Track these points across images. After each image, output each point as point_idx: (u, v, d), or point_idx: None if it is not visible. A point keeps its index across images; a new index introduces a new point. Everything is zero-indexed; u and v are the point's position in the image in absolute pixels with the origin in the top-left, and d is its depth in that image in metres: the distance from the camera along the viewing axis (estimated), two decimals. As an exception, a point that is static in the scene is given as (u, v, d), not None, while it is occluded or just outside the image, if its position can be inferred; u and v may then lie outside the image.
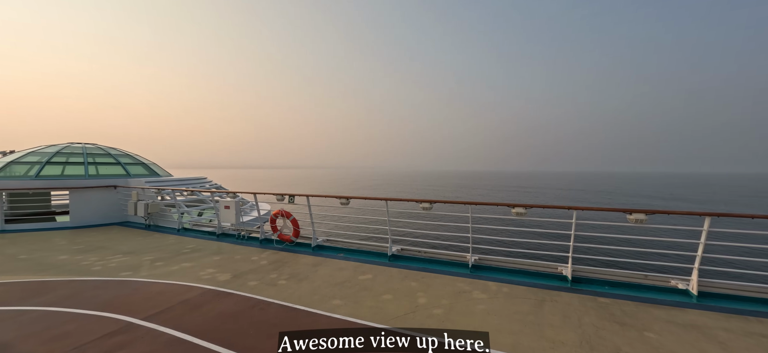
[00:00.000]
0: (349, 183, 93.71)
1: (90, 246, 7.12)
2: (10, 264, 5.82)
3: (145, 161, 12.20)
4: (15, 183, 9.23)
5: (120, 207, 10.29)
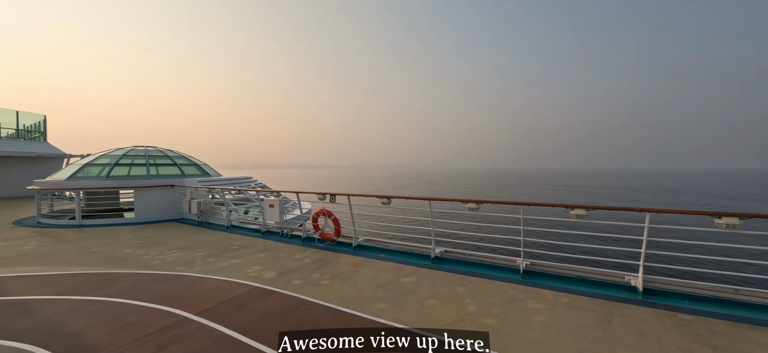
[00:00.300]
0: (385, 182, 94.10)
1: (150, 241, 7.68)
2: (86, 257, 6.42)
3: (197, 162, 13.04)
4: (90, 183, 10.27)
5: (176, 205, 11.06)
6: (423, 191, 64.14)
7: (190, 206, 9.94)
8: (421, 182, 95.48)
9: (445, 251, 6.09)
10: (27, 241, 7.76)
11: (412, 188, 72.58)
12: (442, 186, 77.61)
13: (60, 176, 10.62)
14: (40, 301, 4.22)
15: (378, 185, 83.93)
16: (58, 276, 5.21)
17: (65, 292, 4.53)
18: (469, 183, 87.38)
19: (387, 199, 6.11)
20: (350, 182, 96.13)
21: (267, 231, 8.45)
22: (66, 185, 10.18)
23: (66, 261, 6.07)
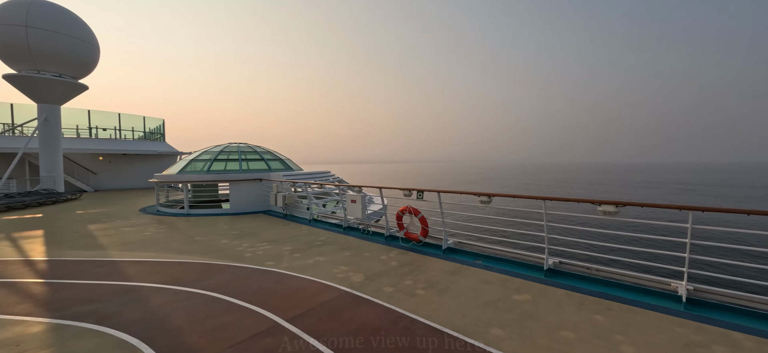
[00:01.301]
0: (459, 177, 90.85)
1: (243, 233, 8.02)
2: (190, 245, 6.87)
3: (281, 157, 13.68)
4: (194, 177, 11.40)
5: (264, 198, 11.66)
6: (500, 186, 59.95)
7: (276, 199, 10.32)
8: (491, 176, 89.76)
9: (561, 263, 4.96)
10: (147, 227, 8.79)
11: (482, 184, 68.56)
12: (535, 182, 71.30)
13: (172, 170, 12.04)
14: (150, 289, 4.41)
15: (437, 179, 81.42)
16: (166, 264, 5.55)
17: (171, 281, 4.71)
18: (569, 179, 77.93)
19: (487, 197, 5.21)
20: (424, 177, 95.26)
21: (348, 227, 8.22)
22: (176, 179, 11.46)
23: (174, 249, 6.55)
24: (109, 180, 21.88)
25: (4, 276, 4.99)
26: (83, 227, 8.80)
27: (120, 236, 7.78)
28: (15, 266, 5.52)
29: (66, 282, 4.72)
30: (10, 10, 14.53)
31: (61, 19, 15.57)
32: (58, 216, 10.72)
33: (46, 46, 14.95)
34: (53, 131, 16.36)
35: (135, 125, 23.38)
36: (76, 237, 7.64)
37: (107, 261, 5.73)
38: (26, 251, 6.51)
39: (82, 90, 17.05)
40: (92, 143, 20.78)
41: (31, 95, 15.79)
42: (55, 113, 16.39)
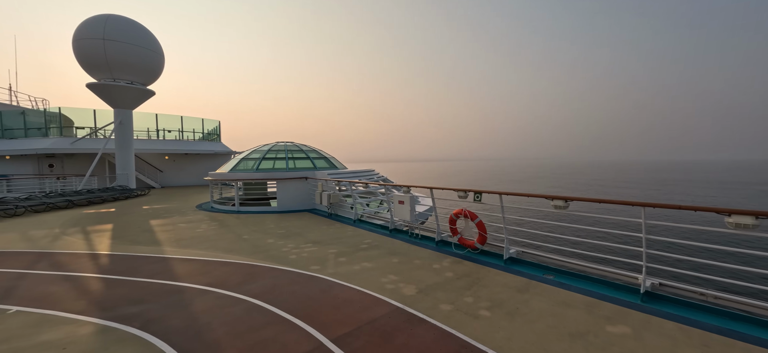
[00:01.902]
0: (510, 176, 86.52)
1: (289, 232, 7.89)
2: (238, 244, 6.84)
3: (326, 155, 13.62)
4: (244, 175, 11.69)
5: (310, 196, 11.62)
6: (572, 188, 55.75)
7: (321, 198, 10.15)
8: (564, 175, 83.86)
9: (662, 285, 3.97)
10: (200, 224, 9.07)
11: (540, 185, 64.28)
12: (622, 182, 65.64)
13: (225, 168, 12.49)
14: (195, 292, 4.27)
15: (485, 179, 77.74)
16: (214, 264, 5.48)
17: (216, 283, 4.55)
18: (668, 179, 68.59)
19: (563, 201, 4.36)
20: (457, 177, 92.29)
21: (394, 229, 7.72)
22: (228, 177, 11.85)
23: (222, 247, 6.54)
24: (174, 177, 23.75)
25: (69, 269, 5.23)
26: (145, 223, 9.33)
27: (175, 232, 8.05)
28: (81, 259, 5.81)
29: (120, 279, 4.78)
30: (90, 26, 16.20)
31: (133, 32, 17.05)
32: (127, 211, 11.61)
33: (120, 56, 16.46)
34: (126, 133, 18.04)
35: (195, 126, 25.14)
36: (137, 232, 8.05)
37: (160, 258, 5.82)
38: (94, 244, 6.92)
39: (150, 95, 18.59)
40: (159, 144, 22.68)
41: (108, 101, 17.52)
42: (128, 116, 18.05)
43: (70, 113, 21.04)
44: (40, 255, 6.07)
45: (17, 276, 4.93)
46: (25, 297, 4.14)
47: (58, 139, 19.53)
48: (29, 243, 7.04)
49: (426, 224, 8.87)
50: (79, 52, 16.24)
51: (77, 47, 16.22)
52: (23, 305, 3.92)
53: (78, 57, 16.32)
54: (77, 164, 20.88)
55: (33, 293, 4.28)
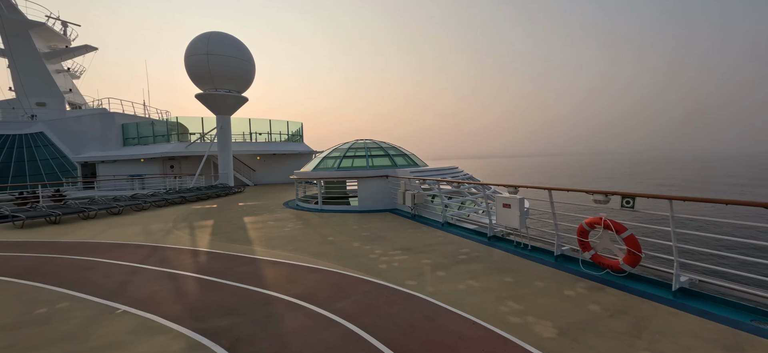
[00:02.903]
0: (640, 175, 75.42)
1: (373, 234, 7.31)
2: (324, 247, 6.48)
3: (406, 152, 12.91)
4: (326, 173, 11.66)
5: (390, 195, 11.04)
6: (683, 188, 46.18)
7: (404, 198, 9.44)
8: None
9: None
10: (287, 223, 9.13)
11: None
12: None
13: (308, 167, 12.71)
14: (284, 305, 3.84)
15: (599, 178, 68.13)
16: (302, 270, 5.10)
17: (305, 295, 4.08)
18: None
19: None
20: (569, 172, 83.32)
21: (494, 237, 6.55)
22: (310, 175, 11.97)
23: (309, 250, 6.23)
24: (264, 176, 25.88)
25: (173, 266, 5.38)
26: (240, 220, 9.80)
27: (265, 230, 8.16)
28: (184, 256, 6.04)
29: (215, 282, 4.67)
30: (197, 44, 18.31)
31: (230, 45, 18.82)
32: (226, 207, 12.59)
33: (220, 68, 18.29)
34: (226, 136, 20.06)
35: (281, 128, 27.06)
36: (233, 229, 8.38)
37: (251, 259, 5.71)
38: (197, 240, 7.30)
39: (244, 101, 20.38)
40: (252, 146, 24.92)
41: (212, 108, 19.67)
42: (227, 122, 20.06)
43: (185, 121, 24.43)
44: (153, 250, 6.53)
45: (132, 271, 5.22)
46: (133, 296, 4.21)
47: (176, 144, 22.78)
48: (147, 237, 7.77)
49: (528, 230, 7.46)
50: (188, 68, 18.52)
51: (187, 64, 18.52)
52: (130, 305, 3.95)
53: (188, 72, 18.63)
54: (190, 164, 24.11)
55: (140, 292, 4.36)
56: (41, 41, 27.98)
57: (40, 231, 8.76)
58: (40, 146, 24.79)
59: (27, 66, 26.75)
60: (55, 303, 4.06)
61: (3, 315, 3.76)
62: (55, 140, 25.09)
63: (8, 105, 26.86)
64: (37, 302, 4.09)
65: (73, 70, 31.77)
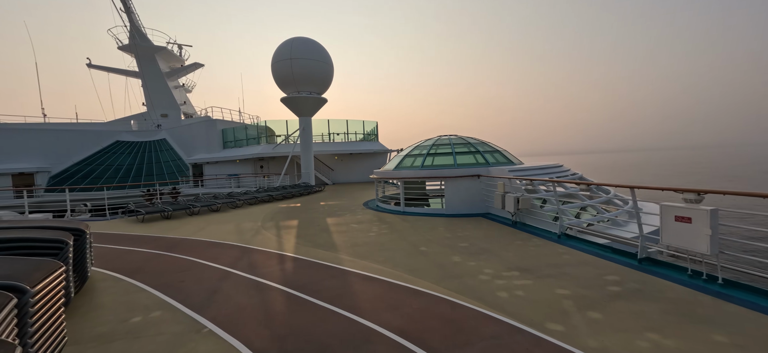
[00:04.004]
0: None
1: (474, 246, 6.12)
2: (418, 259, 5.53)
3: (499, 149, 11.31)
4: (409, 173, 10.78)
5: (482, 197, 9.64)
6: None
7: (504, 202, 7.99)
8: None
9: None
10: (371, 226, 8.47)
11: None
12: None
13: (389, 166, 12.01)
14: (389, 348, 2.94)
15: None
16: (400, 291, 4.21)
17: (413, 335, 3.14)
18: None
19: None
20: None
21: (645, 258, 4.80)
22: (392, 175, 11.23)
23: (402, 262, 5.34)
24: (342, 175, 26.41)
25: (260, 274, 5.00)
26: (323, 220, 9.51)
27: (350, 234, 7.58)
28: (271, 262, 5.69)
29: (302, 299, 4.05)
30: (282, 50, 19.24)
31: (311, 49, 19.37)
32: (309, 206, 12.66)
33: (303, 71, 18.95)
34: (307, 137, 20.80)
35: (357, 128, 27.33)
36: (317, 232, 8.02)
37: (339, 271, 5.04)
38: (283, 242, 7.05)
39: (324, 103, 20.86)
40: (330, 146, 25.62)
41: (295, 111, 20.56)
42: (308, 123, 20.79)
43: (272, 124, 26.28)
44: (243, 252, 6.39)
45: (222, 276, 4.98)
46: (220, 311, 3.81)
47: (265, 145, 24.57)
48: (239, 236, 7.85)
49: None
50: (275, 73, 19.59)
51: (273, 69, 19.61)
52: (216, 322, 3.52)
53: (274, 77, 19.72)
54: (276, 164, 25.83)
55: (227, 306, 3.95)
56: (163, 62, 33.13)
57: (155, 226, 9.67)
58: (163, 151, 29.29)
59: (154, 84, 31.93)
60: (150, 310, 3.86)
61: (102, 320, 3.65)
62: (173, 145, 29.36)
63: (141, 117, 32.48)
64: (135, 308, 3.95)
65: (186, 86, 37.13)
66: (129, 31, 30.69)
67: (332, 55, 20.74)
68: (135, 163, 27.93)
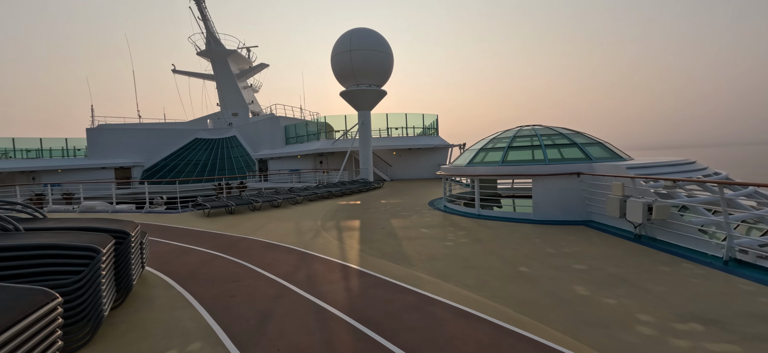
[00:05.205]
0: None
1: (597, 271, 4.48)
2: (524, 287, 4.12)
3: (600, 141, 9.14)
4: (486, 169, 9.21)
5: (582, 201, 7.73)
6: None
7: (622, 208, 6.10)
8: None
9: None
10: (445, 232, 7.17)
11: None
12: None
13: (460, 161, 10.52)
14: None
15: None
16: (518, 342, 2.88)
17: None
18: None
19: None
20: None
21: None
22: (465, 171, 9.74)
23: (502, 291, 3.98)
24: (400, 171, 25.36)
25: (321, 293, 4.04)
26: (387, 222, 8.46)
27: (421, 242, 6.38)
28: (334, 274, 4.73)
29: (374, 341, 2.95)
30: (341, 43, 18.71)
31: (370, 39, 18.54)
32: (369, 204, 11.77)
33: (362, 63, 18.21)
34: (366, 132, 20.10)
35: (416, 122, 26.02)
36: (382, 236, 6.97)
37: (419, 297, 3.86)
38: (346, 248, 6.11)
39: (383, 95, 19.95)
40: (388, 141, 24.71)
41: (353, 105, 19.97)
42: (367, 117, 20.07)
43: (331, 120, 26.22)
44: (302, 258, 5.58)
45: (278, 292, 4.13)
46: (273, 345, 2.87)
47: (325, 141, 24.57)
48: (298, 237, 7.14)
49: None
50: (334, 66, 19.16)
51: (333, 63, 19.19)
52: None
53: (334, 70, 19.30)
54: (335, 160, 25.73)
55: (281, 340, 3.01)
56: (234, 64, 35.36)
57: (219, 221, 9.54)
58: (233, 147, 31.23)
59: (226, 85, 34.26)
60: (189, 339, 3.09)
61: (132, 350, 2.94)
62: (242, 142, 31.12)
63: (216, 117, 35.14)
64: (173, 333, 3.22)
65: (254, 86, 39.38)
66: (205, 37, 33.29)
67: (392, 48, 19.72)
68: (210, 158, 30.18)
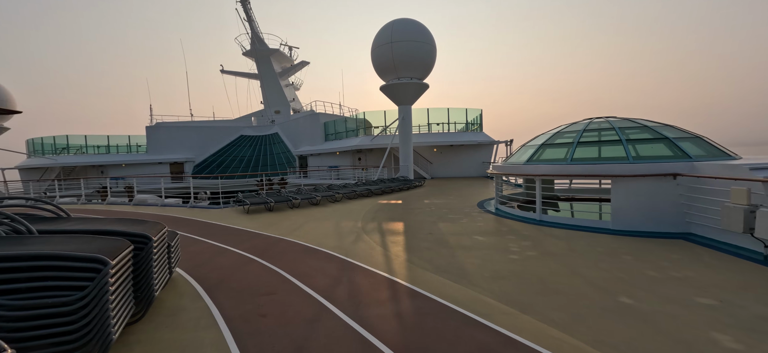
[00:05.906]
0: None
1: (737, 308, 3.28)
2: (647, 335, 3.07)
3: (698, 135, 7.48)
4: (552, 167, 7.97)
5: (678, 208, 6.28)
6: None
7: (747, 221, 4.69)
8: None
9: None
10: (505, 241, 6.15)
11: None
12: None
13: (517, 158, 9.30)
14: None
15: None
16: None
17: None
18: None
19: None
20: None
21: None
22: (523, 170, 8.54)
23: (610, 334, 2.97)
24: (441, 169, 24.20)
25: (364, 318, 3.30)
26: (435, 226, 7.58)
27: (480, 253, 5.44)
28: (380, 292, 3.98)
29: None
30: (382, 35, 17.99)
31: (412, 29, 17.63)
32: (412, 205, 10.95)
33: (403, 55, 17.35)
34: (407, 128, 19.24)
35: (459, 117, 24.64)
36: (430, 243, 6.13)
37: (490, 333, 2.98)
38: (391, 257, 5.35)
39: (425, 88, 18.95)
40: (429, 137, 23.63)
41: (394, 99, 19.19)
42: (408, 112, 19.20)
43: (370, 116, 25.68)
44: (343, 268, 4.91)
45: (314, 315, 3.46)
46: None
47: (363, 138, 24.10)
48: (338, 240, 6.53)
49: None
50: (374, 60, 18.50)
51: (373, 56, 18.54)
52: None
53: (374, 64, 18.65)
54: (374, 156, 25.20)
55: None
56: (276, 63, 36.19)
57: (257, 218, 9.28)
58: (275, 144, 31.96)
59: (269, 84, 35.18)
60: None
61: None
62: (284, 139, 31.73)
63: (260, 114, 36.29)
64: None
65: (295, 84, 40.15)
66: (250, 37, 34.38)
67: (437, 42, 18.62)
68: (253, 155, 31.14)
